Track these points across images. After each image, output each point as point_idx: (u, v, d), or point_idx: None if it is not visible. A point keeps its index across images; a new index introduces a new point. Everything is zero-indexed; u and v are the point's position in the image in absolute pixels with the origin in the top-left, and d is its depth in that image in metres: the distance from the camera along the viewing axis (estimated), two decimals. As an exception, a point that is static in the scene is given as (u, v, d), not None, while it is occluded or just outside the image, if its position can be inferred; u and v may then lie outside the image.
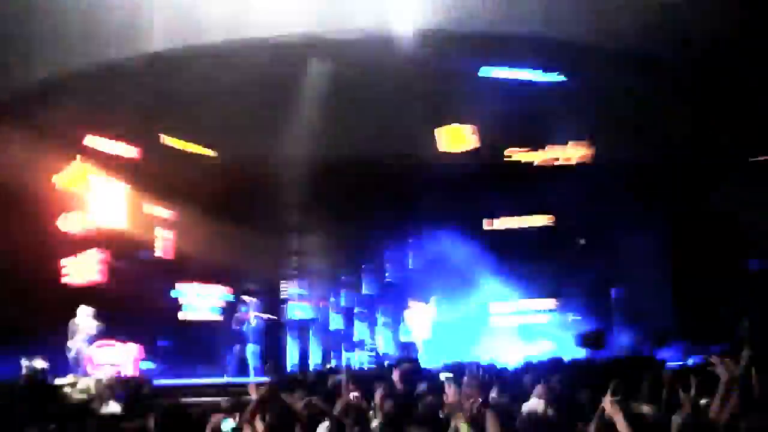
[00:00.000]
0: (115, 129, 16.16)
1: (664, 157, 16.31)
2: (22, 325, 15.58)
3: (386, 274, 19.11)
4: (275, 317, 17.35)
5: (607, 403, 5.22)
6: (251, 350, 16.57)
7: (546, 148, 16.76)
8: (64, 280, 17.72)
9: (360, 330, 18.78)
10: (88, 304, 16.32)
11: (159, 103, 14.99)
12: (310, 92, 15.24)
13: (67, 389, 11.78)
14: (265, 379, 13.38)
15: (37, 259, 17.01)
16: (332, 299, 19.16)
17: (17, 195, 16.07)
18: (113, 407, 9.39)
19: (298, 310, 18.75)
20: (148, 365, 16.63)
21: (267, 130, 15.56)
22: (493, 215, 17.98)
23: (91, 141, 16.45)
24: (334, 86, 14.83)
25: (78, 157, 16.74)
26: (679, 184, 16.62)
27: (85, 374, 14.90)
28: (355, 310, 18.94)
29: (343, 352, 18.37)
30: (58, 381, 13.19)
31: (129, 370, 16.25)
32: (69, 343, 15.51)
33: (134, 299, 16.77)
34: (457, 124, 16.18)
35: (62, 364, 15.31)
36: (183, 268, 18.18)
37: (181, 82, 14.37)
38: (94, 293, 16.93)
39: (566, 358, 14.38)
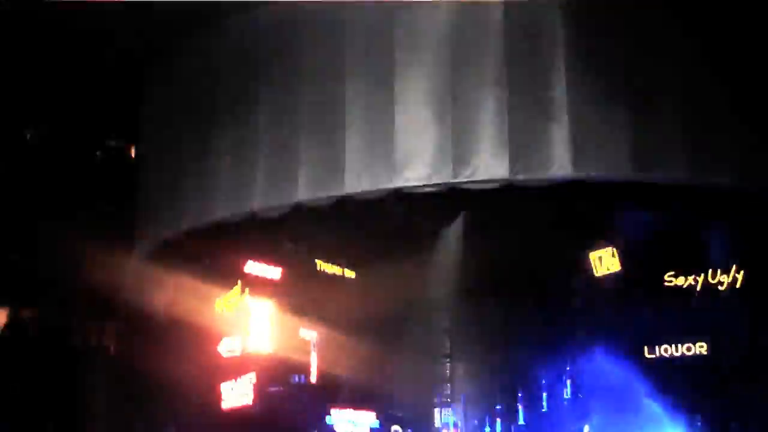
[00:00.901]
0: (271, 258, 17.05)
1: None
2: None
3: (543, 403, 18.37)
4: None
5: None
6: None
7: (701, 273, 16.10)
8: (223, 404, 18.32)
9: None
10: (244, 428, 16.76)
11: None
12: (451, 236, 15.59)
13: None
14: None
15: (199, 383, 17.79)
16: (487, 429, 18.59)
17: (185, 322, 17.06)
18: None
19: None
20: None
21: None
22: (650, 341, 17.05)
23: (249, 267, 17.29)
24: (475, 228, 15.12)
25: (238, 282, 17.55)
26: None
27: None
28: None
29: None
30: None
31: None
32: None
33: (288, 424, 17.04)
34: (606, 249, 15.91)
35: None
36: (335, 393, 18.32)
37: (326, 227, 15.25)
38: (250, 418, 17.36)
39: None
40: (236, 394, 18.43)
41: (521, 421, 18.49)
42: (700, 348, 16.73)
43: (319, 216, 14.06)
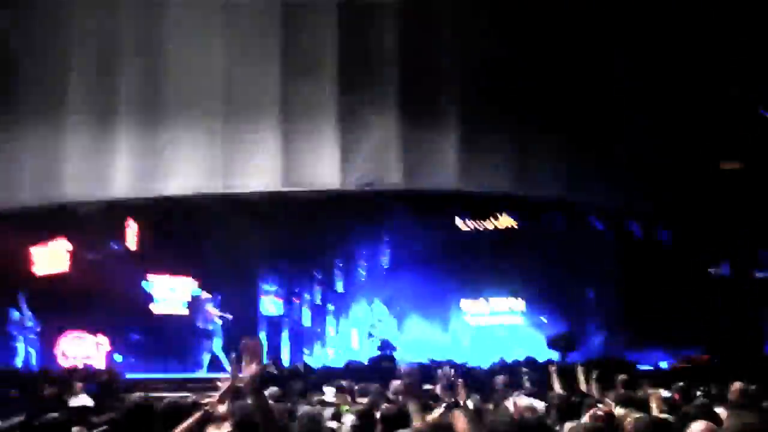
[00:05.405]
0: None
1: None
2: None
3: (361, 272, 19.03)
4: (230, 316, 17.06)
5: None
6: (219, 345, 16.48)
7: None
8: (33, 269, 17.55)
9: (332, 327, 18.71)
10: (58, 296, 16.26)
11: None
12: None
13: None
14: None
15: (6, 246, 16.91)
16: (306, 296, 19.04)
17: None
18: (84, 400, 9.31)
19: (270, 305, 18.60)
20: (119, 358, 16.55)
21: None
22: (465, 215, 17.97)
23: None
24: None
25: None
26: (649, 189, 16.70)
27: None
28: (329, 308, 18.85)
29: (316, 348, 18.29)
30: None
31: (100, 363, 16.16)
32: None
33: (104, 290, 16.57)
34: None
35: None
36: (154, 260, 17.96)
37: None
38: (62, 283, 16.77)
39: (540, 359, 14.47)
40: (48, 260, 17.72)
41: (340, 289, 19.10)
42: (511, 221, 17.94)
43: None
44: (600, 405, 6.84)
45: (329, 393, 8.39)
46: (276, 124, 15.05)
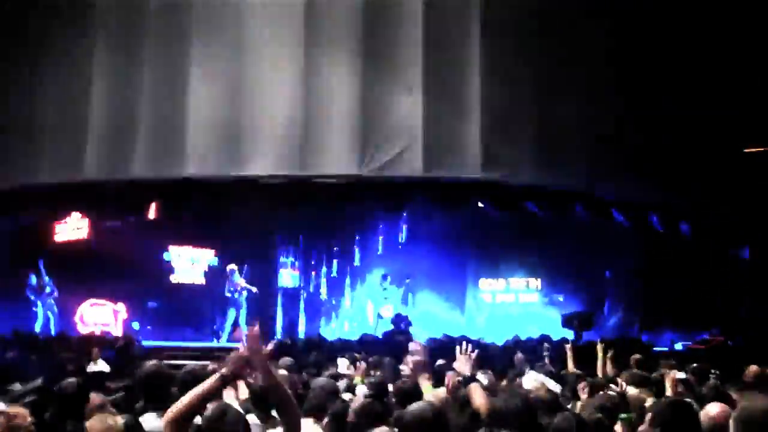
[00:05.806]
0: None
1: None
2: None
3: (378, 247, 19.06)
4: (255, 289, 17.15)
5: None
6: (244, 316, 16.58)
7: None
8: (55, 238, 17.74)
9: (350, 300, 18.78)
10: (77, 263, 16.42)
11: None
12: None
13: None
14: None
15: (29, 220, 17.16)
16: (324, 269, 19.11)
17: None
18: (101, 366, 9.42)
19: (287, 277, 18.69)
20: (136, 326, 16.71)
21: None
22: (486, 203, 17.85)
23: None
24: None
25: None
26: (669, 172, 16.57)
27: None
28: (346, 281, 18.91)
29: (333, 320, 18.37)
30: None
31: (117, 331, 16.32)
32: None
33: (124, 260, 16.73)
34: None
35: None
36: (173, 232, 18.08)
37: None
38: (83, 252, 16.93)
39: (554, 338, 14.48)
40: (70, 229, 17.90)
41: (357, 263, 19.13)
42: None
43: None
44: (612, 385, 6.84)
45: (342, 365, 8.43)
46: (295, 107, 15.00)
